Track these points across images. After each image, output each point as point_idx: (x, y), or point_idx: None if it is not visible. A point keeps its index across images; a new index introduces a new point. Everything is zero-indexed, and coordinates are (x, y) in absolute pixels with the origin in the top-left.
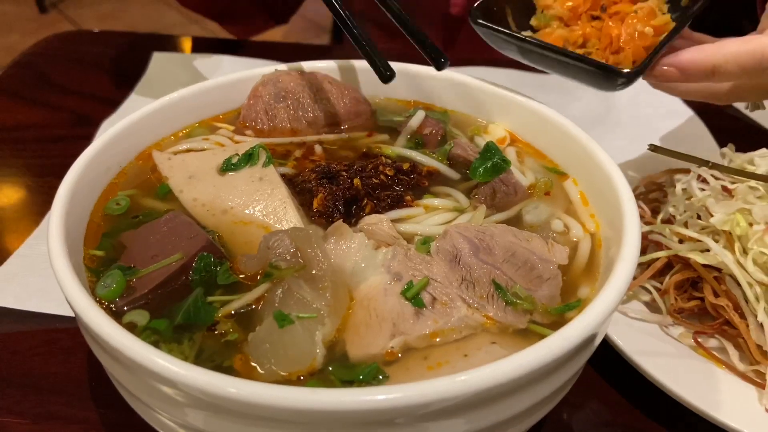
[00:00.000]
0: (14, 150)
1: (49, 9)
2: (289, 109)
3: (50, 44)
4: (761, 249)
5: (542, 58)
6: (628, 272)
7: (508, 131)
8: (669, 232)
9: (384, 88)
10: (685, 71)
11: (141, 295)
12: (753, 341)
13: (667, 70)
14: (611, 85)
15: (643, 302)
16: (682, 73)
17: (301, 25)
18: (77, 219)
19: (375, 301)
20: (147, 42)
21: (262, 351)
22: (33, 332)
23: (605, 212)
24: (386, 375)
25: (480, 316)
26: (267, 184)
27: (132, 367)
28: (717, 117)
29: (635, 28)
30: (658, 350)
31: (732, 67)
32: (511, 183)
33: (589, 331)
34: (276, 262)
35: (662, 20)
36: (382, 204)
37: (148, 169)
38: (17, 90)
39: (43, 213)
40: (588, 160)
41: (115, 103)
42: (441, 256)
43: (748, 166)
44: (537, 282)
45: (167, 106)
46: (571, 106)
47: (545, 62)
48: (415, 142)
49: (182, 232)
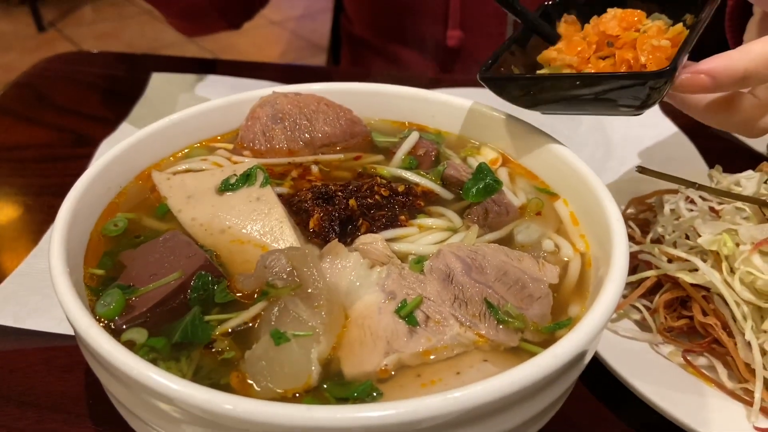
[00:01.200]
0: (14, 169)
1: (48, 28)
2: (286, 131)
3: (50, 65)
4: (748, 269)
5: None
6: (616, 292)
7: (501, 152)
8: (658, 251)
9: (379, 110)
10: (715, 77)
11: (140, 313)
12: (741, 359)
13: (695, 77)
14: (645, 96)
15: (634, 321)
16: (713, 79)
17: (298, 45)
18: (78, 238)
19: (369, 319)
20: (146, 63)
21: (259, 368)
22: (31, 350)
23: (595, 232)
24: (380, 392)
25: (472, 334)
26: (264, 204)
27: (130, 384)
28: (706, 138)
29: (651, 44)
30: (649, 368)
31: (762, 69)
32: (503, 203)
33: (579, 349)
34: (273, 280)
35: (675, 30)
36: (377, 224)
37: (147, 189)
38: (17, 110)
39: (42, 232)
40: (578, 181)
41: (114, 123)
42: (434, 275)
43: (734, 188)
44: (528, 301)
45: (166, 127)
46: (563, 127)
47: (564, 101)
48: (409, 163)
49: (181, 252)
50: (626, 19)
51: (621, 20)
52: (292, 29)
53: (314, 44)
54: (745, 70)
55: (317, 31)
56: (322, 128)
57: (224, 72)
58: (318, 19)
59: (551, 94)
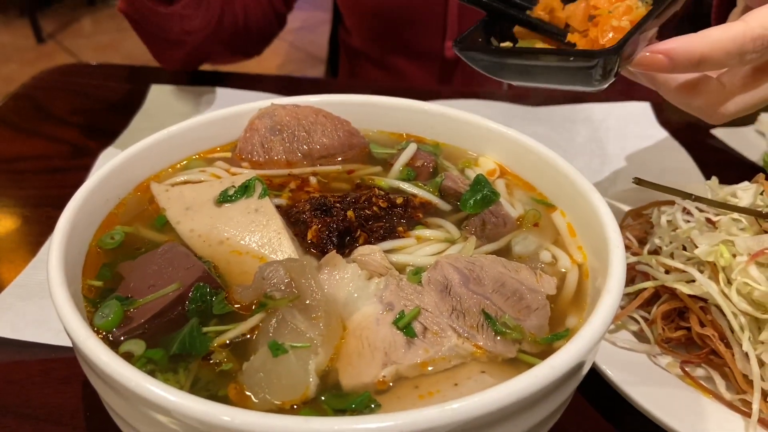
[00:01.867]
0: (13, 180)
1: (47, 39)
2: (285, 142)
3: (49, 76)
4: (744, 280)
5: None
6: (613, 303)
7: (498, 164)
8: (655, 262)
9: (376, 122)
10: (673, 58)
11: (138, 325)
12: (738, 370)
13: (653, 56)
14: (592, 74)
15: (632, 332)
16: (670, 60)
17: (297, 57)
18: (76, 250)
19: (367, 330)
20: (145, 74)
21: (256, 380)
22: (29, 362)
23: (592, 243)
24: (378, 404)
25: (470, 345)
26: (262, 215)
27: (128, 396)
28: (703, 149)
29: (610, 24)
30: (647, 379)
31: (718, 54)
32: (501, 215)
33: (576, 360)
34: (271, 292)
35: (639, 13)
36: (374, 235)
37: (146, 201)
38: (16, 121)
39: (40, 243)
40: (574, 193)
41: (113, 134)
42: (432, 286)
43: (731, 199)
44: (526, 312)
45: (165, 138)
46: (561, 138)
47: (526, 73)
48: (407, 174)
49: (179, 263)
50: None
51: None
52: (290, 41)
53: (313, 56)
54: (701, 53)
55: (315, 42)
56: (321, 140)
57: (223, 84)
58: (316, 31)
59: (513, 66)
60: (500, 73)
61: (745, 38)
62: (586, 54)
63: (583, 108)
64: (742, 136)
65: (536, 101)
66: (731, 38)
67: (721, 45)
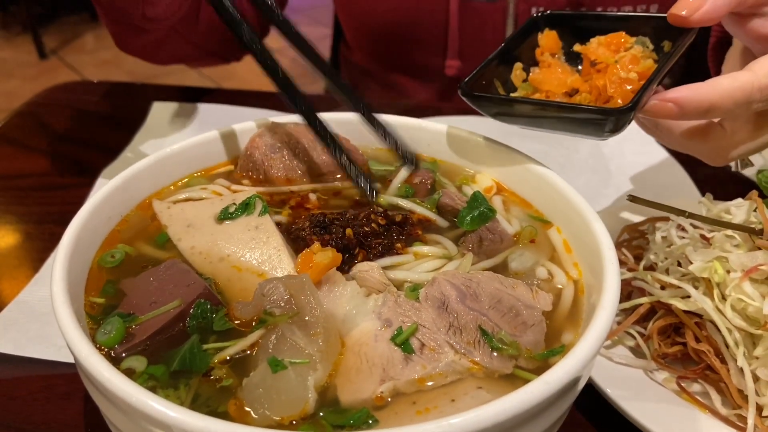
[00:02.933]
0: (15, 197)
1: (49, 55)
2: (285, 160)
3: (52, 94)
4: (739, 296)
5: (532, 118)
6: (608, 319)
7: (495, 181)
8: (651, 278)
9: (375, 139)
10: (683, 106)
11: (140, 341)
12: (734, 386)
13: (663, 105)
14: (603, 128)
15: (628, 347)
16: (680, 108)
17: (298, 72)
18: (79, 267)
19: (366, 346)
20: (146, 92)
21: (256, 396)
22: (31, 377)
23: (587, 260)
24: (376, 419)
25: (467, 361)
26: (263, 232)
27: (129, 411)
28: (699, 165)
29: (618, 75)
30: (643, 395)
31: (727, 103)
32: (498, 231)
33: (571, 375)
34: (270, 308)
35: (646, 65)
36: (373, 251)
37: (148, 218)
38: (19, 139)
39: (43, 260)
40: (570, 209)
41: (115, 151)
42: (429, 302)
43: (725, 215)
44: (522, 328)
45: (167, 157)
46: (558, 155)
47: (536, 121)
48: (405, 191)
49: (180, 280)
50: (613, 42)
51: (608, 45)
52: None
53: (314, 71)
54: (710, 102)
55: None
56: (320, 157)
57: (225, 100)
58: (317, 47)
59: (519, 115)
60: (509, 120)
61: (753, 88)
62: (600, 111)
63: None
64: None
65: None
66: (740, 88)
67: (729, 94)
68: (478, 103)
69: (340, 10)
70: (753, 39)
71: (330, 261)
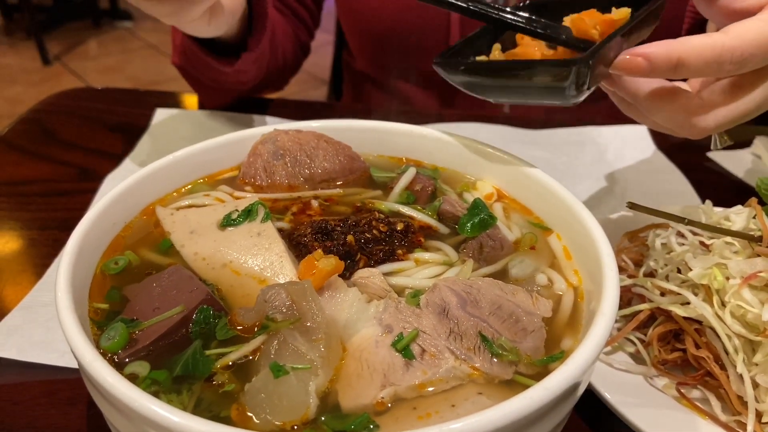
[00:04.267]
0: (19, 203)
1: (53, 61)
2: (287, 167)
3: (56, 100)
4: (738, 302)
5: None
6: (607, 325)
7: (496, 188)
8: (651, 285)
9: (376, 146)
10: (652, 60)
11: (143, 347)
12: (733, 392)
13: (633, 59)
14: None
15: (628, 353)
16: (649, 62)
17: (300, 78)
18: (83, 273)
19: (367, 352)
20: (150, 98)
21: (258, 401)
22: (34, 383)
23: (587, 266)
24: (377, 425)
25: (467, 367)
26: (265, 239)
27: (132, 416)
28: (700, 172)
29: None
30: (643, 401)
31: (696, 60)
32: (498, 238)
33: (570, 381)
34: (272, 314)
35: (622, 13)
36: (374, 258)
37: (151, 224)
38: (23, 145)
39: (47, 265)
40: (570, 216)
41: (118, 157)
42: (430, 308)
43: (724, 222)
44: (522, 334)
45: (170, 163)
46: (558, 161)
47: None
48: (406, 198)
49: (183, 286)
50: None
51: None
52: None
53: (316, 77)
54: (679, 56)
55: (318, 64)
56: (322, 164)
57: (226, 108)
58: (319, 53)
59: (489, 80)
60: (479, 90)
61: (724, 48)
62: (560, 63)
63: (581, 132)
64: (739, 159)
65: (536, 125)
66: (710, 45)
67: (699, 51)
68: (448, 72)
69: (342, 16)
70: (724, 16)
71: (333, 268)
